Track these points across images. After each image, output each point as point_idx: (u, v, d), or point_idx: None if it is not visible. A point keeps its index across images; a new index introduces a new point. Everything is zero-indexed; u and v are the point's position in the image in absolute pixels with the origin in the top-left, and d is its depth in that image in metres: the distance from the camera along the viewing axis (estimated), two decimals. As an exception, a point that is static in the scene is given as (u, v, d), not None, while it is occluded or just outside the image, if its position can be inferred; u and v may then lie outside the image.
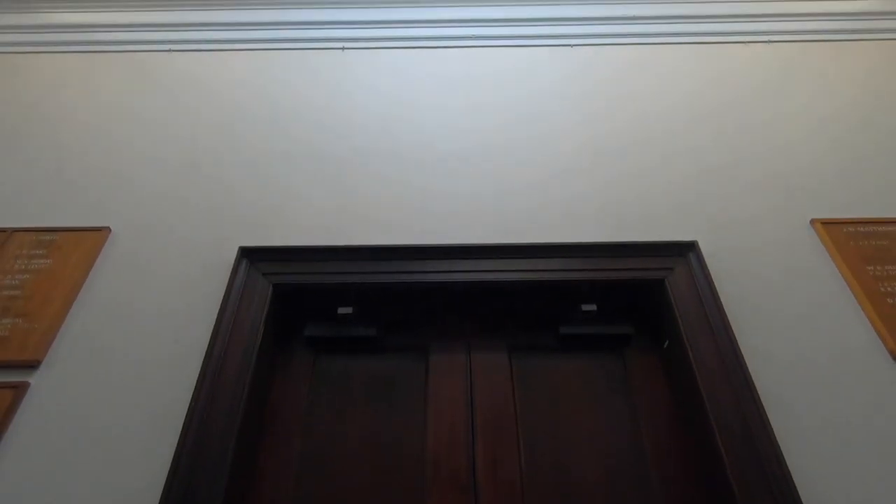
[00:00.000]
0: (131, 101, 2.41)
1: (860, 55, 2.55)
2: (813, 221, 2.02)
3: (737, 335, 1.71)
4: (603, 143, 2.23)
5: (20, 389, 1.63)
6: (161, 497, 1.39)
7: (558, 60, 2.54)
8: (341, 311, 1.89)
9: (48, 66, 2.55)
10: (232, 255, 1.90)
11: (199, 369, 1.62)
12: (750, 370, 1.62)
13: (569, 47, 2.59)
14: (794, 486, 1.40)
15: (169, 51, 2.58)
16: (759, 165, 2.17)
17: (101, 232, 2.01)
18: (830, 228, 2.00)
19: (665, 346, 1.84)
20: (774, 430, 1.50)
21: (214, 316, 1.75)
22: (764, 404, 1.55)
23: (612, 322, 1.92)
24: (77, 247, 1.97)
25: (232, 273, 1.84)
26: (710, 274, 1.82)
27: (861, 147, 2.22)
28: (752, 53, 2.55)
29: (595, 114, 2.33)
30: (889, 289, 1.83)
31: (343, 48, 2.59)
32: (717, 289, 1.81)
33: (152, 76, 2.50)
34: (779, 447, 1.45)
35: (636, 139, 2.24)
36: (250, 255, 1.90)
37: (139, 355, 1.68)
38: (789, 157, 2.19)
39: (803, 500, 1.40)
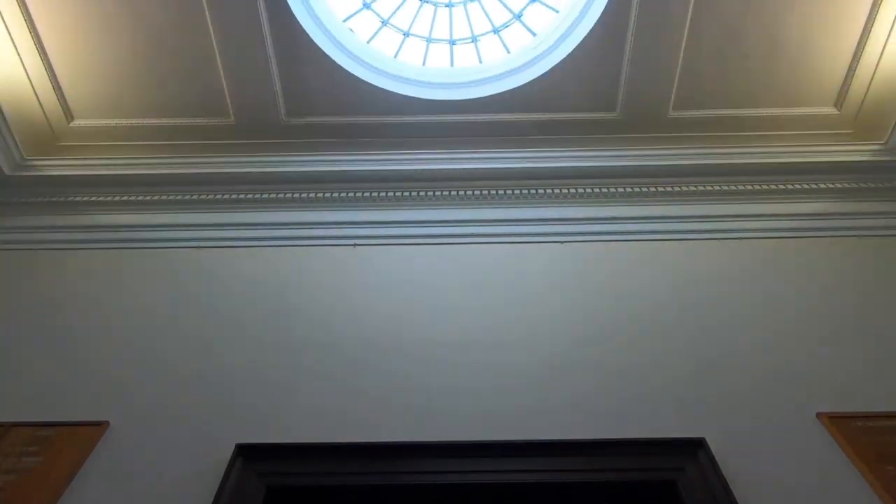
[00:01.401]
0: (147, 296, 2.57)
1: (829, 251, 2.75)
2: (820, 415, 1.99)
3: (763, 548, 1.58)
4: (601, 336, 2.31)
5: None
6: None
7: (552, 257, 2.74)
8: (336, 515, 1.78)
9: (73, 263, 2.76)
10: (229, 452, 1.85)
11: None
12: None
13: (559, 244, 2.83)
14: None
15: (196, 247, 2.82)
16: (755, 359, 2.21)
17: (100, 427, 1.99)
18: (839, 423, 1.96)
19: (688, 560, 1.68)
20: None
21: (200, 524, 1.65)
22: None
23: (627, 530, 1.78)
24: (70, 443, 1.93)
25: (225, 474, 1.77)
26: (723, 476, 1.75)
27: (851, 340, 2.28)
28: (730, 250, 2.77)
29: (591, 308, 2.45)
30: (916, 492, 1.73)
31: (354, 245, 2.84)
32: (734, 494, 1.71)
33: (172, 272, 2.70)
34: None
35: (632, 333, 2.32)
36: (246, 454, 1.84)
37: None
38: (784, 350, 2.24)
39: None
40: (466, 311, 2.44)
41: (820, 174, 3.02)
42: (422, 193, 3.02)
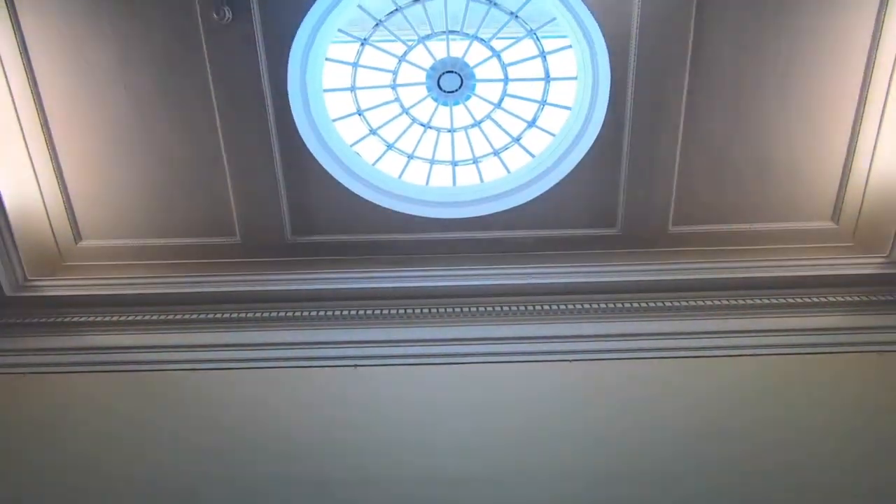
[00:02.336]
0: (135, 427, 2.45)
1: (849, 368, 2.66)
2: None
3: None
4: (614, 466, 2.17)
5: None
6: None
7: (562, 377, 2.65)
8: None
9: (63, 388, 2.65)
10: None
11: None
12: None
13: (568, 362, 2.74)
14: None
15: (191, 370, 2.73)
16: (778, 488, 2.03)
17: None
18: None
19: None
20: None
21: None
22: None
23: None
24: None
25: None
26: None
27: (879, 469, 2.12)
28: (744, 368, 2.68)
29: (605, 437, 2.32)
30: None
31: (356, 366, 2.75)
32: None
33: (164, 399, 2.60)
34: None
35: (650, 464, 2.18)
36: None
37: None
38: (810, 481, 2.08)
39: None
40: (473, 443, 2.30)
41: (827, 288, 2.99)
42: (425, 310, 2.98)
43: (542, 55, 3.21)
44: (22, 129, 2.94)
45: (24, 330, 2.93)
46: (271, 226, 3.12)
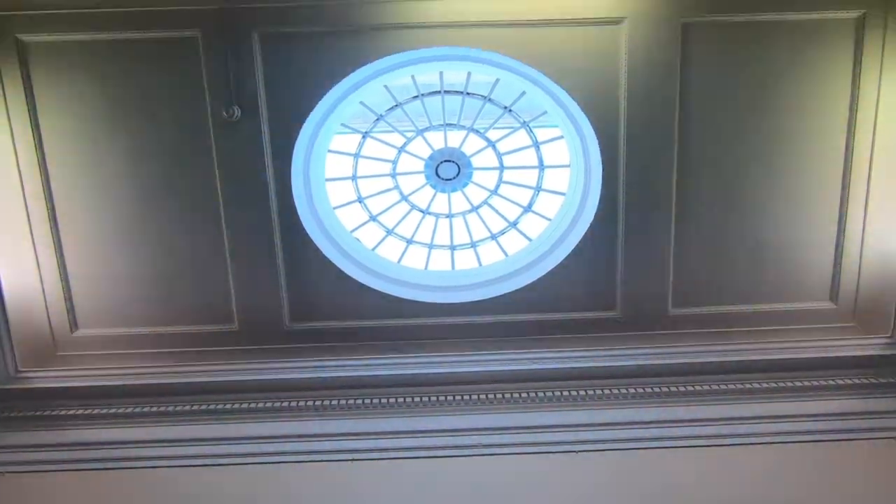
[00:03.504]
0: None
1: (866, 456, 2.57)
2: None
3: None
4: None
5: None
6: None
7: (568, 470, 2.56)
8: None
9: (51, 487, 2.55)
10: None
11: None
12: None
13: (574, 454, 2.64)
14: None
15: (180, 466, 2.63)
16: None
17: None
18: None
19: None
20: None
21: None
22: None
23: None
24: None
25: None
26: None
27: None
28: (755, 456, 2.59)
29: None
30: None
31: (353, 459, 2.64)
32: None
33: (156, 496, 2.49)
34: None
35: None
36: None
37: None
38: None
39: None
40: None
41: (832, 370, 2.95)
42: (424, 399, 2.91)
43: (536, 145, 3.35)
44: (28, 216, 2.98)
45: (12, 424, 2.83)
46: (270, 313, 3.11)
